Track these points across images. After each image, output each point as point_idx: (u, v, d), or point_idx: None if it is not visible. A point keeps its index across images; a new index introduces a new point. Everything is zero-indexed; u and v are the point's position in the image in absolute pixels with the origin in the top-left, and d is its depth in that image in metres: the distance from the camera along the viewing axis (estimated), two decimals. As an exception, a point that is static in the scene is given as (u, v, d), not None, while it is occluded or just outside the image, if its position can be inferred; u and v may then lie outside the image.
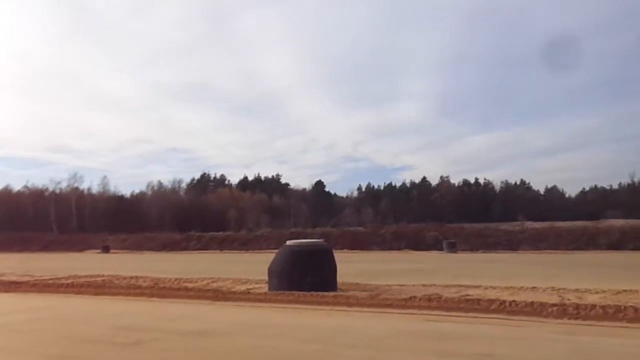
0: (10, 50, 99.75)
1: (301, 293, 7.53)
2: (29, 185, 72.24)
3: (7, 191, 71.12)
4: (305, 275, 8.00)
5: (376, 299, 7.06)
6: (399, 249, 32.95)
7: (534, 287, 8.10)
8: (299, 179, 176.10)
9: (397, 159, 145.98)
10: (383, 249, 33.13)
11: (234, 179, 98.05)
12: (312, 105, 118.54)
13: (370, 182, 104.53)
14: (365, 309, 6.64)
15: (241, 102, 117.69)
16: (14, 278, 11.70)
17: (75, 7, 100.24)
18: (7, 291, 9.81)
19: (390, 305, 6.69)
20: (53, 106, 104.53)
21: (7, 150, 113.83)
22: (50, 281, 10.61)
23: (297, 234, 37.20)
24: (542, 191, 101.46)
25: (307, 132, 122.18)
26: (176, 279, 10.39)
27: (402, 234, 36.95)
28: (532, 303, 6.16)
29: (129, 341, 4.86)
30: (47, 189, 68.15)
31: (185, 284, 9.42)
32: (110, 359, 4.20)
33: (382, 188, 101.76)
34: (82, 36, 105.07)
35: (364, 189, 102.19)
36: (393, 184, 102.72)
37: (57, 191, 66.61)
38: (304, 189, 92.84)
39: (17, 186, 73.16)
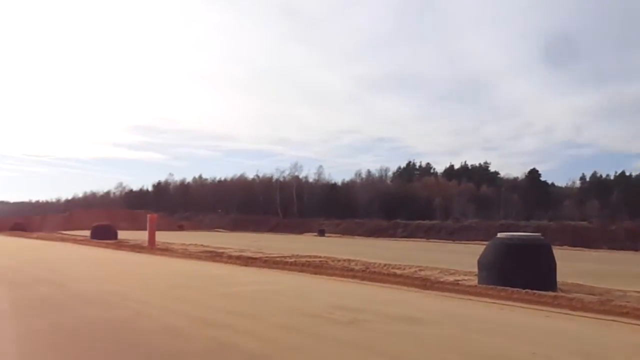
0: (239, 56, 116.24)
1: (515, 290, 7.06)
2: (259, 174, 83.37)
3: (242, 179, 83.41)
4: (519, 271, 7.47)
5: (608, 305, 6.19)
6: (634, 249, 28.20)
7: None
8: (510, 167, 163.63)
9: (633, 144, 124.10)
10: (613, 249, 28.78)
11: (439, 167, 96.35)
12: (524, 86, 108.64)
13: (597, 170, 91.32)
14: (592, 315, 5.88)
15: (446, 89, 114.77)
16: (250, 254, 13.68)
17: (288, 11, 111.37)
18: (245, 265, 11.52)
19: (625, 314, 5.80)
20: (274, 103, 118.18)
21: (241, 143, 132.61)
22: (278, 259, 12.08)
23: (507, 226, 34.88)
24: None
25: (519, 116, 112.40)
26: (385, 265, 10.79)
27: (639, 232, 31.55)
28: None
29: (345, 320, 5.24)
30: (273, 178, 77.57)
31: (394, 271, 9.70)
32: (329, 335, 4.59)
33: (612, 178, 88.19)
34: (295, 37, 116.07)
35: (588, 179, 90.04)
36: (627, 173, 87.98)
37: (281, 179, 75.21)
38: (516, 178, 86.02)
39: (250, 175, 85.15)
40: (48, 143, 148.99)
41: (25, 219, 51.24)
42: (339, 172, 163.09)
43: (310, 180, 78.07)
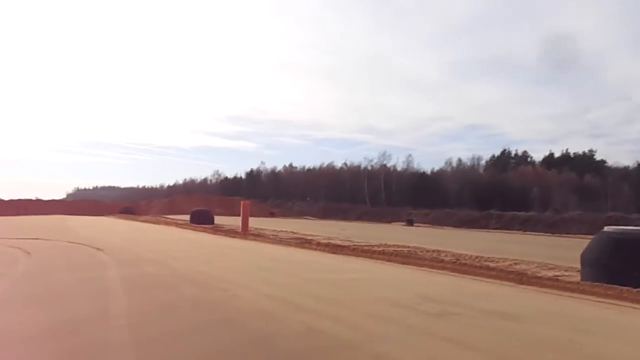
0: (328, 45, 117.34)
1: (625, 289, 6.47)
2: (347, 162, 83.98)
3: (330, 168, 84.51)
4: (630, 269, 6.83)
5: None
6: None
7: None
8: (619, 156, 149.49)
9: None
10: None
11: (537, 155, 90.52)
12: (637, 66, 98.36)
13: None
14: None
15: (544, 72, 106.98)
16: (338, 242, 13.84)
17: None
18: (334, 253, 11.68)
19: None
20: (362, 91, 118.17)
21: (330, 132, 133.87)
22: (365, 247, 12.10)
23: (616, 219, 32.09)
24: None
25: (631, 99, 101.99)
26: (477, 257, 10.40)
27: None
28: None
29: (434, 311, 5.13)
30: (361, 166, 77.73)
31: (486, 263, 9.33)
32: (417, 325, 4.52)
33: None
34: (383, 24, 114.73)
35: None
36: None
37: (369, 168, 75.11)
38: (626, 167, 78.57)
39: (338, 163, 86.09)
40: (152, 133, 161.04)
41: (133, 203, 56.01)
42: (428, 161, 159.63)
43: (399, 168, 77.15)
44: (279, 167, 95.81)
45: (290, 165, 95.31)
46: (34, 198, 53.08)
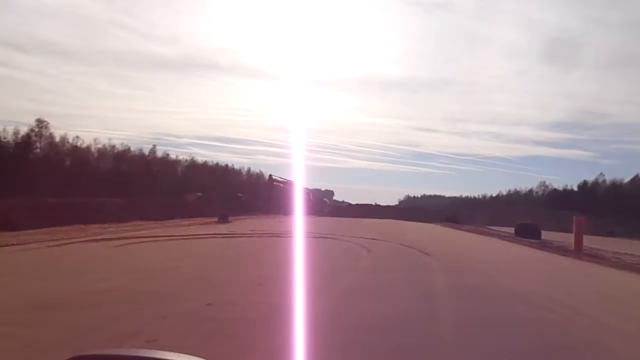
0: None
1: None
2: None
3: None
4: None
5: None
6: None
7: None
8: None
9: None
10: None
11: None
12: None
13: None
14: None
15: None
16: None
17: None
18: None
19: None
20: None
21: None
22: None
23: None
24: None
25: None
26: None
27: None
28: None
29: None
30: None
31: None
32: None
33: None
34: None
35: None
36: None
37: None
38: None
39: None
40: (476, 144, 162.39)
41: (456, 212, 57.59)
42: None
43: None
44: (623, 179, 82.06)
45: (637, 176, 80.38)
46: (373, 203, 61.05)
